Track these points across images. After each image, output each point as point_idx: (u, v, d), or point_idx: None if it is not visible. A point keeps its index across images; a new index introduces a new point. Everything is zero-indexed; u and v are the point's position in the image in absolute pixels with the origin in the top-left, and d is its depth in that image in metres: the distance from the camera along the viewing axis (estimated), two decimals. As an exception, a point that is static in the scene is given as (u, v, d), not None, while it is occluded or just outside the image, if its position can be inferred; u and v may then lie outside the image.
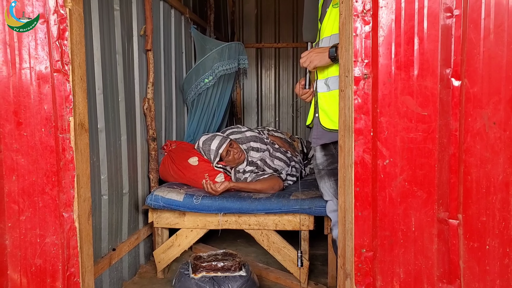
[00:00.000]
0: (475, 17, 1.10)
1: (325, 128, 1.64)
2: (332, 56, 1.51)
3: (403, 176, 1.16)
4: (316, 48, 1.61)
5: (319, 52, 1.55)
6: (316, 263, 2.67)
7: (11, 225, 1.31)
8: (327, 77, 1.62)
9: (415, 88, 1.14)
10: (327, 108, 1.63)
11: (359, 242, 1.16)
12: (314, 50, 1.59)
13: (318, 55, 1.55)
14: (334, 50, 1.50)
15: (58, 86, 1.25)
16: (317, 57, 1.55)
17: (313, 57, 1.58)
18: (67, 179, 1.27)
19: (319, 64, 1.56)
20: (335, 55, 1.50)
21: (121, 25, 2.33)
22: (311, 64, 1.57)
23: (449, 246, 1.13)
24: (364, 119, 1.15)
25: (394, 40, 1.14)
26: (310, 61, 1.58)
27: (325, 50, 1.54)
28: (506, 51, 1.10)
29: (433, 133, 1.14)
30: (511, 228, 1.12)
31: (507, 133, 1.11)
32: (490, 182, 1.12)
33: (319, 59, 1.54)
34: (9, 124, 1.29)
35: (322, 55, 1.53)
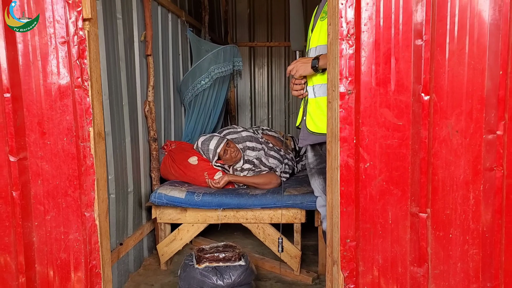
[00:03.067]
0: (441, 41, 1.29)
1: (309, 130, 1.83)
2: (313, 67, 1.69)
3: (381, 177, 1.35)
4: (303, 58, 1.78)
5: (304, 62, 1.72)
6: (307, 253, 2.88)
7: (37, 224, 1.48)
8: (313, 84, 1.80)
9: (392, 102, 1.33)
10: (312, 112, 1.81)
11: (344, 233, 1.36)
12: (300, 60, 1.76)
13: (303, 65, 1.73)
14: (316, 61, 1.68)
15: (78, 100, 1.41)
16: (302, 67, 1.73)
17: (298, 66, 1.75)
18: (88, 182, 1.44)
19: (304, 74, 1.74)
20: (316, 66, 1.68)
21: (123, 32, 2.48)
22: (297, 73, 1.75)
23: (419, 236, 1.33)
24: (348, 129, 1.34)
25: (374, 60, 1.32)
26: (296, 70, 1.75)
27: (309, 60, 1.71)
28: (467, 70, 1.29)
29: (407, 140, 1.33)
30: (470, 219, 1.32)
31: (467, 140, 1.30)
32: (453, 181, 1.32)
33: (303, 69, 1.72)
34: (34, 134, 1.45)
35: (306, 65, 1.71)
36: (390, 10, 1.30)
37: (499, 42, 1.26)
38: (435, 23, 1.28)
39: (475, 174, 1.31)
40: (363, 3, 1.31)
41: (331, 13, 1.41)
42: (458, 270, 1.33)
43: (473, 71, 1.29)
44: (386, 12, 1.31)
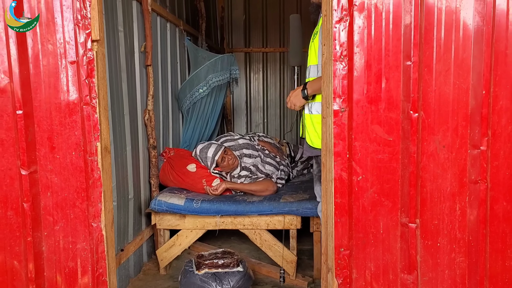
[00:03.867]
0: (429, 62, 1.38)
1: (307, 144, 1.92)
2: (304, 97, 1.81)
3: (373, 189, 1.44)
4: (294, 90, 1.88)
5: (296, 95, 1.84)
6: (303, 257, 2.96)
7: (47, 234, 1.55)
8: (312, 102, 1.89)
9: (383, 119, 1.42)
10: (308, 128, 1.90)
11: (338, 243, 1.44)
12: (292, 93, 1.86)
13: (295, 98, 1.84)
14: (304, 91, 1.79)
15: (87, 116, 1.49)
16: (296, 100, 1.84)
17: (293, 100, 1.86)
18: (95, 194, 1.52)
19: (300, 105, 1.85)
20: (306, 95, 1.79)
21: (124, 44, 2.55)
22: (295, 107, 1.86)
23: (409, 244, 1.42)
24: (342, 144, 1.42)
25: (366, 80, 1.41)
26: (293, 105, 1.86)
27: (298, 92, 1.82)
28: (452, 89, 1.38)
29: (397, 154, 1.42)
30: (456, 229, 1.41)
31: (453, 154, 1.40)
32: (441, 193, 1.41)
33: (298, 101, 1.84)
34: (44, 148, 1.52)
35: (298, 97, 1.83)
36: (380, 34, 1.40)
37: (482, 63, 1.36)
38: (422, 46, 1.38)
39: (461, 186, 1.40)
40: (355, 26, 1.40)
41: (325, 34, 1.50)
42: (445, 277, 1.42)
43: (458, 90, 1.38)
44: (376, 35, 1.40)
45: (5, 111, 1.47)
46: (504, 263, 1.40)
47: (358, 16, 1.40)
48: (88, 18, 1.45)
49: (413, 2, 1.36)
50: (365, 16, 1.40)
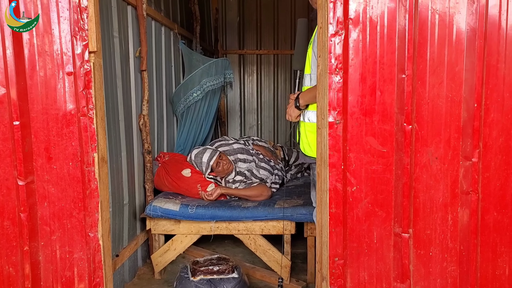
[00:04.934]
0: (422, 75, 1.41)
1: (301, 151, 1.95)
2: (296, 107, 1.87)
3: (367, 199, 1.47)
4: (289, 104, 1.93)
5: (290, 106, 1.90)
6: (296, 261, 2.98)
7: (43, 244, 1.55)
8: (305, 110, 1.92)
9: (377, 130, 1.45)
10: (302, 136, 1.93)
11: (333, 252, 1.47)
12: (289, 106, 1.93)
13: (291, 109, 1.90)
14: (296, 101, 1.85)
15: (84, 127, 1.49)
16: (292, 112, 1.90)
17: (290, 112, 1.92)
18: (92, 204, 1.52)
19: (295, 115, 1.90)
20: (298, 105, 1.85)
21: (120, 50, 2.55)
22: (292, 118, 1.91)
23: (402, 254, 1.45)
24: (337, 155, 1.45)
25: (361, 92, 1.43)
26: (290, 116, 1.92)
27: (292, 104, 1.88)
28: (445, 102, 1.41)
29: (390, 165, 1.45)
30: (448, 239, 1.44)
31: (446, 166, 1.43)
32: (433, 204, 1.44)
33: (294, 112, 1.89)
34: (41, 159, 1.52)
35: (292, 108, 1.88)
36: (375, 47, 1.42)
37: (474, 76, 1.39)
38: (416, 59, 1.41)
39: (453, 197, 1.43)
40: (350, 40, 1.42)
41: (320, 46, 1.52)
42: (437, 286, 1.46)
43: (451, 103, 1.41)
44: (371, 48, 1.42)
45: (2, 122, 1.47)
46: (495, 272, 1.44)
47: (353, 30, 1.42)
48: (85, 30, 1.46)
49: (407, 16, 1.39)
50: (360, 29, 1.42)
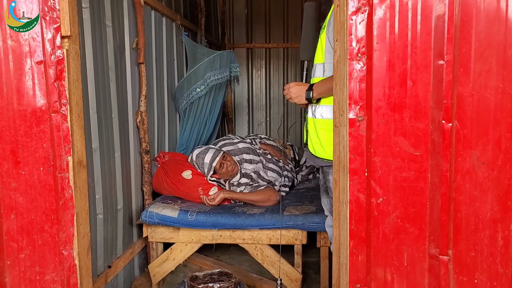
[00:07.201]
0: (465, 61, 1.14)
1: (310, 152, 1.69)
2: (308, 99, 1.58)
3: (396, 213, 1.20)
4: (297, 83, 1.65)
5: (299, 91, 1.61)
6: (308, 272, 2.73)
7: (10, 263, 1.32)
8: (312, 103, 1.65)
9: (408, 129, 1.18)
10: (311, 134, 1.67)
11: (353, 278, 1.21)
12: (295, 86, 1.64)
13: (296, 96, 1.62)
14: (309, 93, 1.57)
15: (56, 126, 1.26)
16: (296, 96, 1.62)
17: (292, 93, 1.64)
18: (66, 217, 1.29)
19: (298, 103, 1.62)
20: (310, 97, 1.57)
21: (113, 40, 2.32)
22: (291, 100, 1.64)
23: (440, 281, 1.18)
24: (359, 160, 1.19)
25: (388, 83, 1.17)
26: (289, 97, 1.64)
27: (302, 90, 1.59)
28: (494, 94, 1.14)
29: (425, 172, 1.19)
30: (498, 263, 1.17)
31: (495, 173, 1.16)
32: (479, 219, 1.17)
33: (298, 99, 1.61)
34: (7, 163, 1.29)
35: (300, 97, 1.60)
36: (406, 27, 1.15)
37: (530, 62, 1.12)
38: (457, 41, 1.14)
39: (504, 211, 1.16)
40: (375, 18, 1.16)
41: (338, 28, 1.25)
42: (483, 320, 1.19)
43: (501, 95, 1.14)
44: (401, 28, 1.16)
45: (-42, 120, 1.25)
46: (555, 304, 1.16)
47: (379, 6, 1.16)
48: (56, 10, 1.22)
49: (446, -12, 1.12)
50: (387, 5, 1.16)
